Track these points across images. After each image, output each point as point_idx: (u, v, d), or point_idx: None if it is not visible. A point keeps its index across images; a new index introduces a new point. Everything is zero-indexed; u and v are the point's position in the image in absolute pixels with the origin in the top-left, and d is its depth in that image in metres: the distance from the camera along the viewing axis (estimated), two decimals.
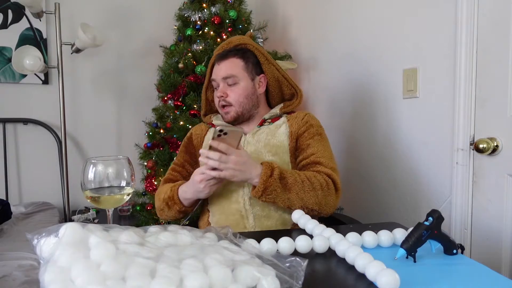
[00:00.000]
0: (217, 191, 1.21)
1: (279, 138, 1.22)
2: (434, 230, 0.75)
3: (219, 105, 1.26)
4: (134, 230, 0.65)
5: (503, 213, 1.14)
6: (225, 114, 1.25)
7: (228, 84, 1.23)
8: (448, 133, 1.29)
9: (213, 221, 1.21)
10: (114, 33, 2.48)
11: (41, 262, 0.56)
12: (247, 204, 1.16)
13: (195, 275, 0.52)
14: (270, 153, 1.20)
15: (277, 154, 1.20)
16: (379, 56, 1.61)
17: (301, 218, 0.97)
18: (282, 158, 1.20)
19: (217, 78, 1.24)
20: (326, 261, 0.76)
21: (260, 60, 1.26)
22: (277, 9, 2.50)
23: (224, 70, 1.22)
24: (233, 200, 1.18)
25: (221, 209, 1.20)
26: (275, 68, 1.27)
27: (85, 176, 0.79)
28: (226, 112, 1.24)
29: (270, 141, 1.22)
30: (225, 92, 1.22)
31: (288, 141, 1.22)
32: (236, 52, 1.25)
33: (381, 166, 1.64)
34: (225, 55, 1.24)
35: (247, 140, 1.24)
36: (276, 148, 1.21)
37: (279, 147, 1.21)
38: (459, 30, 1.22)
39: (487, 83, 1.17)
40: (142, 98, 2.51)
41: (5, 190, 2.23)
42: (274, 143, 1.21)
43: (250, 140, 1.24)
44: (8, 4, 2.24)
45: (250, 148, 1.22)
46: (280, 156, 1.20)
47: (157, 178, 2.03)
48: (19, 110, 2.29)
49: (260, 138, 1.23)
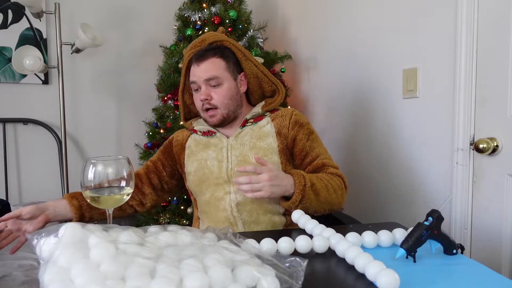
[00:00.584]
0: (205, 199, 1.20)
1: (266, 141, 1.18)
2: (434, 230, 0.75)
3: (202, 109, 1.19)
4: (134, 230, 0.65)
5: (503, 213, 1.14)
6: (210, 118, 1.18)
7: (211, 85, 1.16)
8: (448, 133, 1.29)
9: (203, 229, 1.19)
10: (114, 33, 2.48)
11: (41, 262, 0.56)
12: (235, 211, 1.15)
13: (195, 275, 0.52)
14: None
15: (266, 157, 1.17)
16: (379, 56, 1.61)
17: (301, 218, 0.97)
18: (272, 159, 1.17)
19: (198, 80, 1.16)
20: (326, 261, 0.76)
21: (239, 57, 1.20)
22: (277, 9, 2.50)
23: (206, 72, 1.15)
24: (221, 208, 1.16)
25: (210, 217, 1.20)
26: (253, 64, 1.21)
27: (85, 176, 0.79)
28: (211, 115, 1.18)
29: (256, 144, 1.18)
30: (209, 95, 1.16)
31: (277, 142, 1.18)
32: (215, 51, 1.17)
33: (381, 166, 1.64)
34: (203, 55, 1.16)
35: (230, 144, 1.19)
36: (263, 150, 1.17)
37: (267, 149, 1.17)
38: (459, 30, 1.22)
39: (487, 83, 1.17)
40: (142, 98, 2.51)
41: (5, 190, 2.23)
42: (260, 146, 1.17)
43: (234, 144, 1.19)
44: (8, 4, 2.24)
45: (234, 153, 1.18)
46: (269, 158, 1.17)
47: None
48: (19, 110, 2.29)
49: (244, 141, 1.19)
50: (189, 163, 1.24)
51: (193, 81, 1.18)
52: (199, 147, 1.23)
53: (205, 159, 1.20)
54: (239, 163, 1.17)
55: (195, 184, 1.22)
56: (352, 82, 1.81)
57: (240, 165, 1.15)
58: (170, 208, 1.99)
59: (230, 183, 1.16)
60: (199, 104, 1.19)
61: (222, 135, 1.22)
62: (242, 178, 0.99)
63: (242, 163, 1.17)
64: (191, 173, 1.22)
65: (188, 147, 1.26)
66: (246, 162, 1.16)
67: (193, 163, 1.22)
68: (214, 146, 1.21)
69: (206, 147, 1.22)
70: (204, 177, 1.19)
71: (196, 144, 1.25)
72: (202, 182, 1.20)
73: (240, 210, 1.15)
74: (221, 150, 1.19)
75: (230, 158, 1.18)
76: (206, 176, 1.19)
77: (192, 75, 1.18)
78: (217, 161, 1.18)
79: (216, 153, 1.20)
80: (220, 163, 1.18)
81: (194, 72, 1.17)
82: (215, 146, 1.21)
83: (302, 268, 0.59)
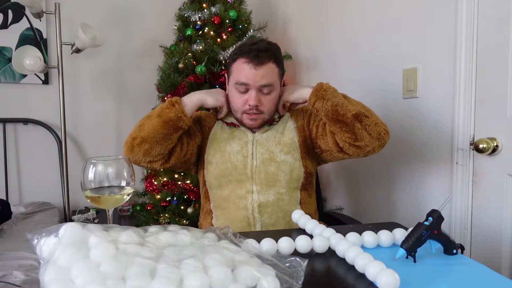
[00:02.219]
0: (224, 194, 1.18)
1: (288, 135, 1.20)
2: (434, 230, 0.75)
3: (244, 111, 1.16)
4: (134, 230, 0.65)
5: (503, 213, 1.14)
6: (251, 121, 1.17)
7: (264, 92, 1.14)
8: (448, 133, 1.29)
9: (216, 225, 1.18)
10: (114, 33, 2.48)
11: (41, 262, 0.56)
12: (256, 212, 1.14)
13: (195, 275, 0.52)
14: (283, 152, 1.18)
15: (289, 153, 1.18)
16: (379, 56, 1.61)
17: (301, 218, 0.97)
18: (294, 156, 1.19)
19: (253, 84, 1.12)
20: (326, 261, 0.76)
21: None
22: (277, 9, 2.50)
23: (263, 78, 1.11)
24: (241, 206, 1.15)
25: (227, 214, 1.17)
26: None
27: (85, 176, 0.79)
28: (253, 119, 1.16)
29: (281, 139, 1.20)
30: (259, 101, 1.14)
31: (297, 136, 1.21)
32: (270, 55, 1.13)
33: (381, 166, 1.64)
34: (259, 56, 1.11)
35: (256, 140, 1.20)
36: (287, 146, 1.19)
37: (290, 145, 1.19)
38: (459, 30, 1.22)
39: (487, 83, 1.17)
40: (142, 98, 2.51)
41: (5, 190, 2.23)
42: (285, 142, 1.19)
43: (259, 139, 1.20)
44: (8, 4, 2.24)
45: (260, 149, 1.18)
46: (292, 154, 1.19)
47: (157, 178, 2.03)
48: (19, 110, 2.29)
49: (269, 136, 1.20)
50: (211, 151, 1.21)
51: (244, 83, 1.13)
52: (223, 136, 1.22)
53: (228, 152, 1.18)
54: (264, 161, 1.16)
55: (215, 177, 1.19)
56: (352, 82, 1.80)
57: (265, 163, 1.16)
58: (170, 208, 1.99)
59: (253, 181, 1.16)
60: (241, 105, 1.16)
61: (247, 129, 1.21)
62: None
63: (267, 161, 1.16)
64: (212, 164, 1.19)
65: (213, 132, 1.24)
66: (272, 160, 1.16)
67: (215, 153, 1.20)
68: (238, 139, 1.20)
69: (230, 138, 1.21)
70: (226, 171, 1.17)
71: (221, 132, 1.23)
72: (223, 176, 1.17)
73: (261, 211, 1.14)
74: (246, 145, 1.19)
75: (256, 154, 1.17)
76: (229, 170, 1.17)
77: (245, 76, 1.12)
78: (241, 156, 1.17)
79: (241, 146, 1.19)
80: (244, 158, 1.17)
81: (249, 74, 1.11)
82: (239, 139, 1.20)
83: (302, 268, 0.59)
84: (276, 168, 1.17)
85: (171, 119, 1.10)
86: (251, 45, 1.14)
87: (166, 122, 1.10)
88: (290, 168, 1.17)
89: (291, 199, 1.18)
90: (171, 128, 1.10)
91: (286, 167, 1.17)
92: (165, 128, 1.10)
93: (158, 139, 1.10)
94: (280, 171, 1.17)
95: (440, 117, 1.33)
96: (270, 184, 1.16)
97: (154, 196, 2.02)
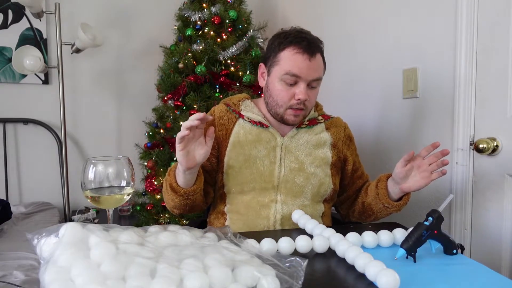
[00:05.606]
0: (244, 199, 1.09)
1: (322, 150, 1.13)
2: (434, 230, 0.75)
3: (289, 105, 1.05)
4: (134, 230, 0.65)
5: (503, 213, 1.14)
6: (294, 117, 1.06)
7: (312, 86, 1.05)
8: (448, 133, 1.29)
9: (233, 229, 1.11)
10: (114, 33, 2.48)
11: (41, 262, 0.56)
12: (278, 224, 1.06)
13: (195, 275, 0.52)
14: (313, 165, 1.11)
15: (320, 167, 1.11)
16: (379, 56, 1.61)
17: (301, 218, 0.97)
18: (325, 170, 1.12)
19: (305, 77, 1.02)
20: (326, 261, 0.76)
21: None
22: (277, 9, 2.50)
23: (316, 71, 1.03)
24: (263, 215, 1.06)
25: (245, 221, 1.08)
26: None
27: (85, 176, 0.79)
28: (297, 114, 1.06)
29: (313, 151, 1.12)
30: (308, 95, 1.04)
31: (331, 153, 1.14)
32: (319, 46, 1.06)
33: (381, 166, 1.64)
34: (314, 50, 1.02)
35: (285, 145, 1.10)
36: (319, 160, 1.11)
37: (322, 159, 1.12)
38: (459, 30, 1.22)
39: (487, 83, 1.17)
40: (142, 98, 2.51)
41: (5, 190, 2.23)
42: (317, 155, 1.12)
43: (289, 145, 1.10)
44: (8, 4, 2.24)
45: (289, 157, 1.09)
46: (322, 168, 1.12)
47: (157, 178, 2.03)
48: (19, 110, 2.29)
49: (299, 144, 1.11)
50: (233, 154, 1.09)
51: (296, 75, 1.02)
52: (248, 137, 1.09)
53: (254, 156, 1.08)
54: (292, 170, 1.08)
55: (236, 182, 1.09)
56: (352, 82, 1.81)
57: (294, 173, 1.08)
58: None
59: (278, 190, 1.08)
60: (288, 99, 1.05)
61: (276, 132, 1.11)
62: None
63: (296, 171, 1.09)
64: (234, 168, 1.08)
65: (234, 134, 1.10)
66: (301, 170, 1.09)
67: (238, 157, 1.08)
68: (266, 142, 1.09)
69: (256, 140, 1.09)
70: (251, 176, 1.07)
71: (245, 133, 1.10)
72: (246, 182, 1.08)
73: (283, 223, 1.07)
74: (274, 149, 1.09)
75: (284, 162, 1.09)
76: (253, 176, 1.07)
77: (298, 68, 1.01)
78: (268, 162, 1.08)
79: (268, 151, 1.09)
80: (272, 164, 1.08)
81: (302, 66, 1.01)
82: (266, 142, 1.09)
83: (302, 268, 0.59)
84: (304, 179, 1.09)
85: (182, 196, 1.00)
86: (297, 33, 1.06)
87: (181, 195, 1.01)
88: (319, 182, 1.11)
89: (314, 212, 1.12)
90: (189, 199, 1.02)
91: (315, 180, 1.10)
92: (183, 199, 1.02)
93: (188, 210, 1.07)
94: (308, 183, 1.09)
95: (440, 117, 1.33)
96: (296, 195, 1.09)
97: (154, 196, 2.02)
